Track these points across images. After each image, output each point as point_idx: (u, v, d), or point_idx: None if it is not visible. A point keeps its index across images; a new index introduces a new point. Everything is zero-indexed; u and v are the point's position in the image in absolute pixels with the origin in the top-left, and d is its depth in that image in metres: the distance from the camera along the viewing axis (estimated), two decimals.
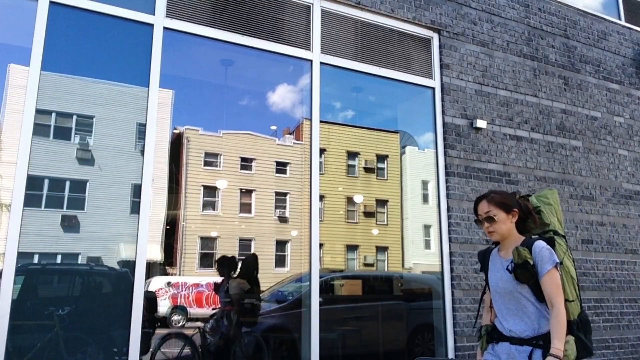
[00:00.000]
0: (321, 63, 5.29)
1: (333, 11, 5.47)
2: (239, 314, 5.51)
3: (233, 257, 6.01)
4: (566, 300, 2.54)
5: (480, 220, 2.73)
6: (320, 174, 5.11)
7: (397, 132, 6.40)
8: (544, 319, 2.52)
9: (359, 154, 6.52)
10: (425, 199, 6.12)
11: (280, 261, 6.64)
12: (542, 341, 2.48)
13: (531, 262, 2.52)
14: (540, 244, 2.57)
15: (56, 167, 4.26)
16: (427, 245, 6.01)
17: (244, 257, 6.16)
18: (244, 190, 7.19)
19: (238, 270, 5.74)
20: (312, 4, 5.37)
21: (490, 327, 2.75)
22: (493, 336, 2.70)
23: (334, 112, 5.73)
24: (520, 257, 2.53)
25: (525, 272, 2.52)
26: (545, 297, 2.51)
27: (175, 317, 7.02)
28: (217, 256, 6.33)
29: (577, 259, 6.28)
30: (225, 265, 5.77)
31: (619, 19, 7.72)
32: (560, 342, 2.38)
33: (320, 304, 4.79)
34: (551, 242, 2.63)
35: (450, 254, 5.50)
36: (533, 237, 2.69)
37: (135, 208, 4.18)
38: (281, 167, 7.10)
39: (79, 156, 4.39)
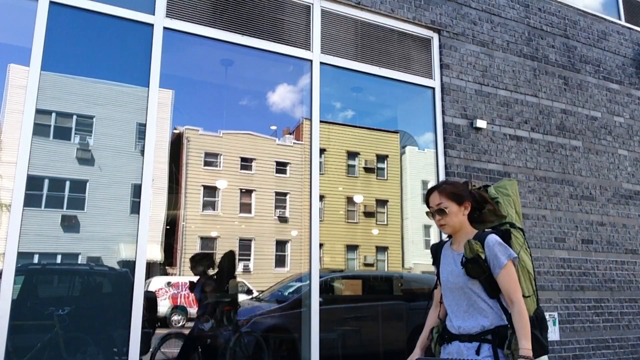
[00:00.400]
0: (321, 63, 5.29)
1: (333, 11, 5.48)
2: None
3: (209, 255, 5.93)
4: (522, 295, 2.42)
5: (431, 212, 2.60)
6: (320, 174, 5.11)
7: (397, 132, 6.40)
8: (494, 315, 2.42)
9: (359, 154, 6.52)
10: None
11: (280, 261, 6.64)
12: (490, 336, 2.39)
13: (483, 257, 2.40)
14: (492, 238, 2.45)
15: (56, 167, 4.27)
16: (427, 245, 6.01)
17: (221, 255, 6.09)
18: (244, 190, 7.20)
19: (216, 268, 5.62)
20: (312, 4, 5.37)
21: (440, 327, 2.62)
22: (444, 337, 2.56)
23: (334, 112, 5.73)
24: (472, 251, 2.41)
25: (477, 267, 2.40)
26: (503, 293, 2.40)
27: (175, 317, 7.03)
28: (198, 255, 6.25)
29: (577, 259, 6.28)
30: (200, 263, 5.64)
31: (619, 19, 7.72)
32: (527, 340, 2.28)
33: (320, 304, 4.79)
34: (507, 235, 2.53)
35: None
36: (486, 230, 2.57)
37: (135, 208, 4.18)
38: (281, 167, 7.10)
39: (79, 156, 4.39)
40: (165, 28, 4.59)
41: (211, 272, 5.54)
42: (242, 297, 6.67)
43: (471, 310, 2.46)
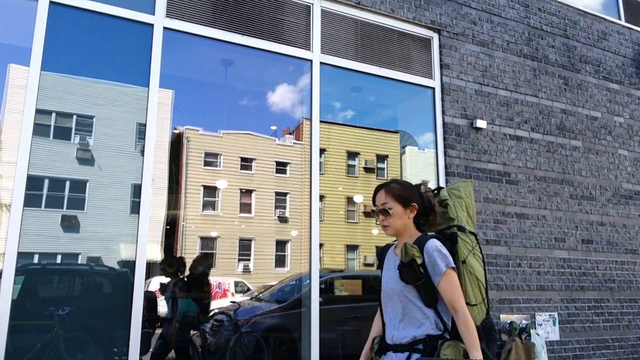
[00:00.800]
0: (321, 63, 5.29)
1: (333, 11, 5.48)
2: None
3: (181, 258, 5.87)
4: (467, 304, 2.30)
5: (375, 212, 2.47)
6: (320, 174, 5.11)
7: (397, 132, 6.40)
8: (429, 324, 2.30)
9: (359, 154, 6.52)
10: None
11: (280, 261, 6.64)
12: (421, 345, 2.27)
13: (419, 261, 2.27)
14: (432, 244, 2.32)
15: (56, 167, 4.27)
16: None
17: (195, 257, 6.01)
18: (244, 190, 7.20)
19: (187, 271, 5.52)
20: (312, 4, 5.37)
21: (380, 337, 2.48)
22: (382, 347, 2.42)
23: (334, 112, 5.73)
24: (407, 255, 2.28)
25: (411, 272, 2.28)
26: (446, 302, 2.29)
27: None
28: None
29: (577, 259, 6.27)
30: (171, 265, 5.52)
31: (619, 19, 7.72)
32: (477, 350, 2.16)
33: (320, 304, 4.79)
34: (453, 239, 2.42)
35: None
36: (429, 234, 2.45)
37: (135, 208, 4.18)
38: (281, 167, 7.11)
39: (79, 156, 4.39)
40: (165, 28, 4.59)
41: (181, 275, 5.44)
42: (240, 298, 6.67)
43: (406, 319, 2.33)
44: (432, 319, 2.31)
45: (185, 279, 5.42)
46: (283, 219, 6.86)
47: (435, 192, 2.61)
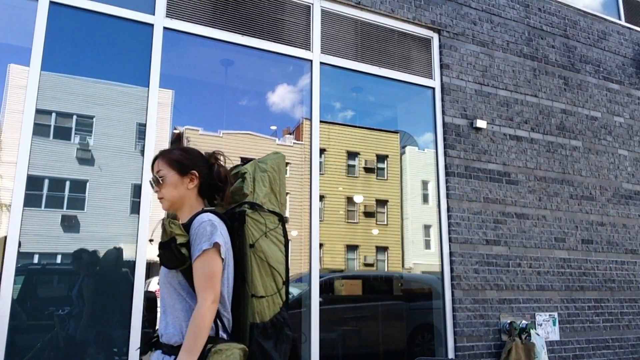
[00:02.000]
0: (321, 63, 5.29)
1: (333, 11, 5.48)
2: None
3: (94, 252, 5.54)
4: (254, 295, 1.97)
5: (150, 182, 2.11)
6: (320, 174, 5.11)
7: (397, 132, 6.39)
8: None
9: (359, 154, 6.52)
10: (425, 199, 6.12)
11: None
12: None
13: (180, 241, 1.89)
14: (202, 218, 1.94)
15: (56, 167, 4.26)
16: (427, 245, 6.01)
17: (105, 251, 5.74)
18: None
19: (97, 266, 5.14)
20: (312, 4, 5.37)
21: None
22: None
23: (334, 112, 5.73)
24: (166, 233, 1.89)
25: (169, 254, 1.88)
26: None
27: None
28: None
29: (577, 259, 6.27)
30: (80, 259, 5.02)
31: (619, 19, 7.72)
32: (190, 354, 1.78)
33: (320, 304, 4.79)
34: (241, 218, 2.03)
35: (450, 254, 5.50)
36: (205, 208, 2.08)
37: (135, 208, 4.18)
38: None
39: (79, 156, 4.39)
40: (165, 28, 4.60)
41: (91, 270, 5.03)
42: None
43: (175, 312, 1.93)
44: None
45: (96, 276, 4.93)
46: None
47: (243, 164, 2.29)
